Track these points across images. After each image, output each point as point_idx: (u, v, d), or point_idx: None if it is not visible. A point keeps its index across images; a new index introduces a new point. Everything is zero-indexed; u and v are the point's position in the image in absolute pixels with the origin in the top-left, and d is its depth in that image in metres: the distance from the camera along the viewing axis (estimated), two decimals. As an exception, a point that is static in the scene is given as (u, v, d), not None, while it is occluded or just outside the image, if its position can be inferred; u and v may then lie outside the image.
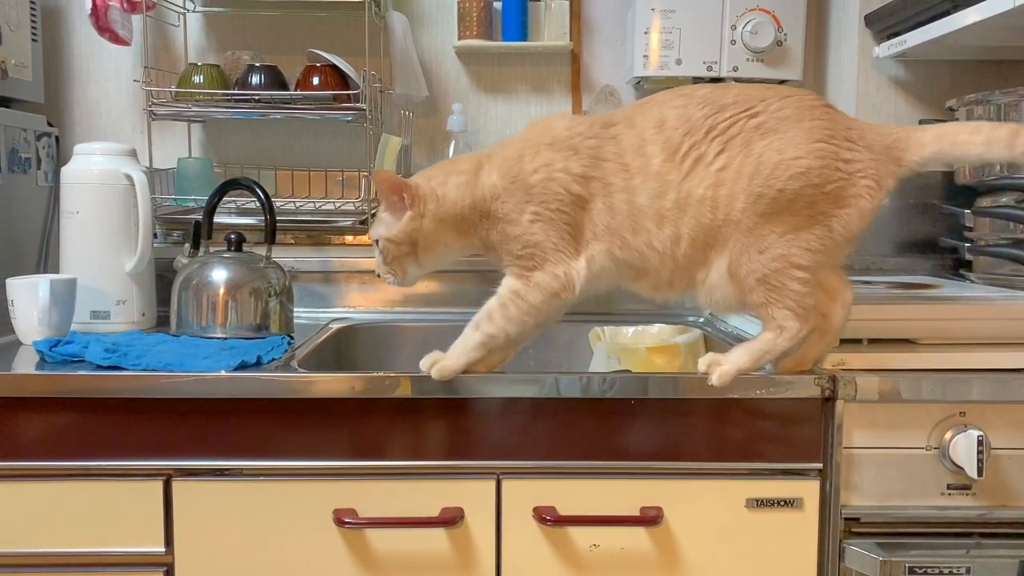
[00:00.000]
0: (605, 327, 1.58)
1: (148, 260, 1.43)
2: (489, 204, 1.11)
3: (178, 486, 1.13)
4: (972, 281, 1.53)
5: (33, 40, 1.62)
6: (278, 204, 1.51)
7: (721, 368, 1.09)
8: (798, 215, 1.04)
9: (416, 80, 1.71)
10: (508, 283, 1.12)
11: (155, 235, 1.60)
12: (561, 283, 1.09)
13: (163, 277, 1.50)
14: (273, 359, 1.21)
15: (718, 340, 1.48)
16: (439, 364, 1.10)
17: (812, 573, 1.15)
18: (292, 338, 1.38)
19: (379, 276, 1.18)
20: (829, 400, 1.13)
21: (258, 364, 1.19)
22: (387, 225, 1.14)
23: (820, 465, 1.14)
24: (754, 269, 1.06)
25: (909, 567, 1.11)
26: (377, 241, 1.15)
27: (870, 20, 1.60)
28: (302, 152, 1.77)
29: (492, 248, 1.14)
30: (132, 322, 1.42)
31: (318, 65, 1.59)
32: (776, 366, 1.14)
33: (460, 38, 1.70)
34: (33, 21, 1.62)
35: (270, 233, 1.44)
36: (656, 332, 1.57)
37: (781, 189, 1.03)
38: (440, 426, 1.13)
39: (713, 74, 1.66)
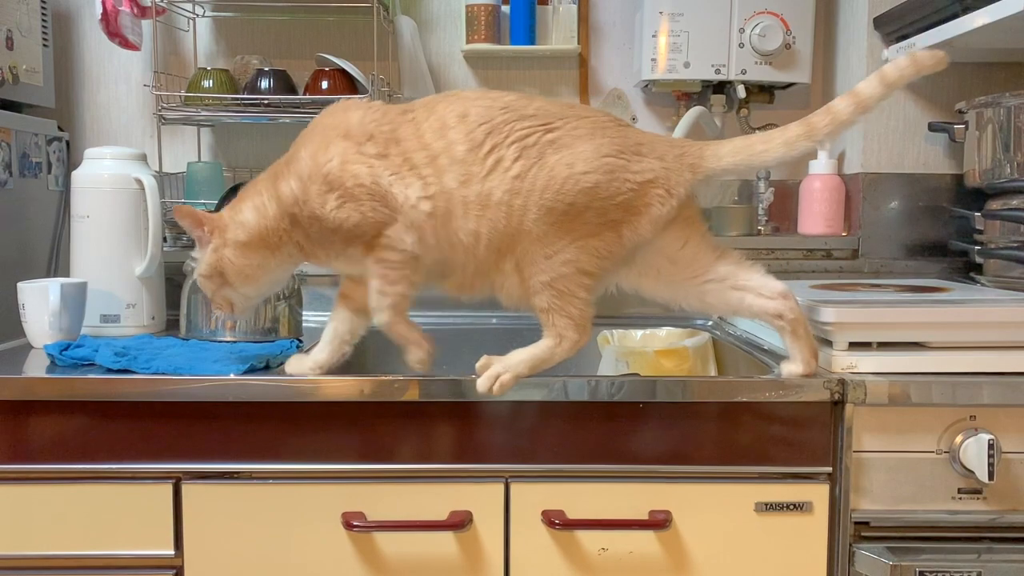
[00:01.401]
0: (613, 330, 1.58)
1: (158, 264, 1.43)
2: (293, 210, 1.10)
3: (187, 489, 1.13)
4: (982, 284, 1.52)
5: (44, 45, 1.63)
6: (287, 208, 1.51)
7: (502, 378, 1.09)
8: (589, 223, 1.06)
9: (424, 84, 1.71)
10: (369, 264, 1.11)
11: (165, 239, 1.60)
12: (395, 244, 1.08)
13: (173, 281, 1.51)
14: (282, 363, 1.21)
15: (727, 343, 1.48)
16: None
17: (822, 577, 1.15)
18: (301, 342, 1.38)
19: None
20: (838, 404, 1.12)
21: (267, 368, 1.19)
22: (198, 261, 1.14)
23: (830, 469, 1.14)
24: (541, 270, 1.07)
25: (919, 572, 1.10)
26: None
27: (879, 23, 1.60)
28: (311, 156, 1.77)
29: (310, 251, 1.13)
30: (142, 326, 1.43)
31: (327, 69, 1.59)
32: (783, 373, 1.14)
33: (468, 42, 1.71)
34: (44, 26, 1.63)
35: (279, 237, 1.44)
36: (664, 335, 1.57)
37: (571, 203, 1.05)
38: (448, 429, 1.13)
39: (721, 77, 1.66)
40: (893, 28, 1.56)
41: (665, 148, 1.10)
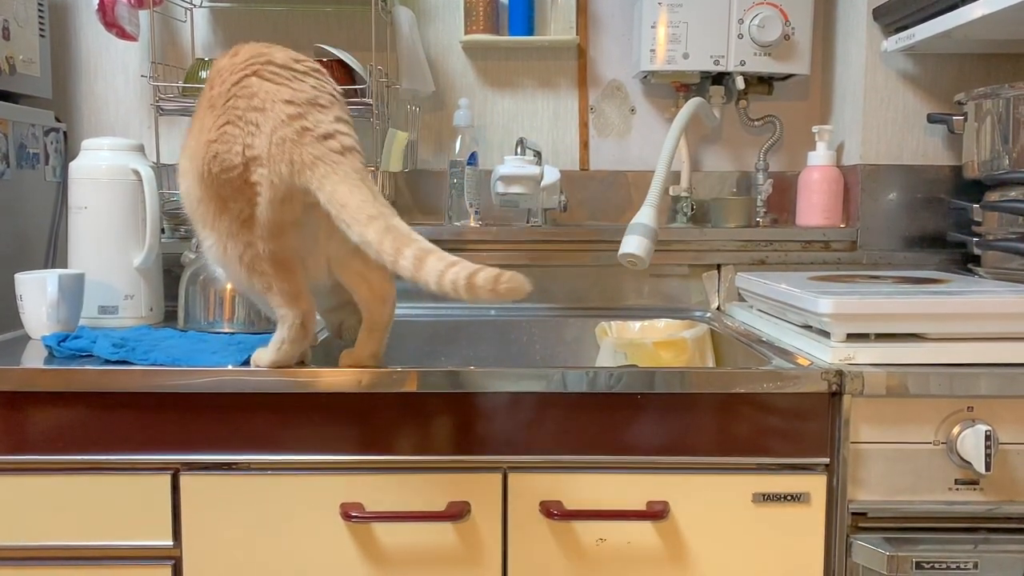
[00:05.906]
0: (612, 322, 1.58)
1: (156, 255, 1.43)
2: None
3: (186, 480, 1.14)
4: (980, 276, 1.52)
5: (41, 36, 1.62)
6: (285, 199, 1.51)
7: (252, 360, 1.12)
8: (237, 201, 1.02)
9: (423, 75, 1.71)
10: None
11: (163, 230, 1.60)
12: None
13: (171, 272, 1.51)
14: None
15: (725, 335, 1.48)
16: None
17: (819, 568, 1.15)
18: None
19: None
20: (836, 395, 1.13)
21: (265, 359, 1.19)
22: None
23: (827, 460, 1.14)
24: (238, 257, 1.04)
25: (916, 562, 1.11)
26: None
27: (878, 14, 1.60)
28: (309, 147, 1.77)
29: None
30: (140, 317, 1.43)
31: (325, 60, 1.59)
32: (340, 363, 1.14)
33: (467, 33, 1.70)
34: (41, 17, 1.62)
35: (276, 228, 1.44)
36: (663, 327, 1.57)
37: (208, 171, 1.01)
38: (447, 421, 1.13)
39: (720, 68, 1.65)
40: (892, 19, 1.56)
41: (277, 125, 1.00)
